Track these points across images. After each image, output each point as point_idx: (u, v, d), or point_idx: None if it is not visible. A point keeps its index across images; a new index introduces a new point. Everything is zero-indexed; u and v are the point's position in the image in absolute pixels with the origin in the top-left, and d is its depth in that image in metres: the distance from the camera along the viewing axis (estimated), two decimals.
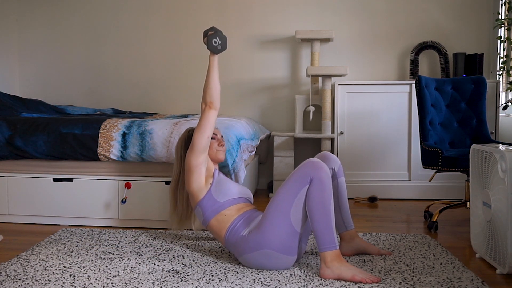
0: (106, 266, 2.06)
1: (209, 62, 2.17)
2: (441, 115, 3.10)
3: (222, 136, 2.34)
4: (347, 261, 2.11)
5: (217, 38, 2.16)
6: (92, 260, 2.15)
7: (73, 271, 2.01)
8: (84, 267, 2.06)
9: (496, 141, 2.99)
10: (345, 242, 2.21)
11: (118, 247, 2.35)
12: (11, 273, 1.98)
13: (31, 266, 2.07)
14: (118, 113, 3.90)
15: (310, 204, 1.91)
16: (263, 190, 4.08)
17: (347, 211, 2.22)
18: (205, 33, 2.26)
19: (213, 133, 2.28)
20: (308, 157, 3.25)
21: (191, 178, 2.13)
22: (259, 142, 3.33)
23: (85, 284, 1.86)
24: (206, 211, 2.11)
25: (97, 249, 2.31)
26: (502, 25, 3.56)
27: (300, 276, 1.94)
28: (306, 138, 4.06)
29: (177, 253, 2.25)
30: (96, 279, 1.91)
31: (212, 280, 1.90)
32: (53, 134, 2.75)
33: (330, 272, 1.89)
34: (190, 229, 2.55)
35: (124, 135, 2.72)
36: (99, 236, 2.53)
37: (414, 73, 3.90)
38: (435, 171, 2.83)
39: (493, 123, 3.59)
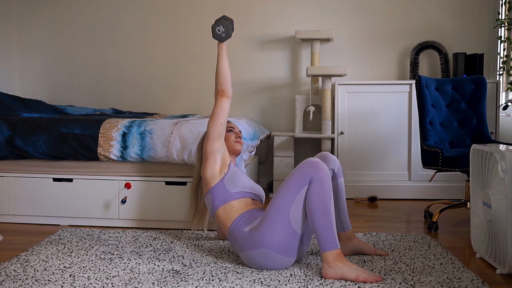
0: (106, 266, 2.06)
1: (218, 51, 2.20)
2: (441, 115, 3.10)
3: (240, 131, 2.42)
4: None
5: (220, 26, 2.16)
6: (92, 260, 2.15)
7: (73, 271, 2.01)
8: (84, 267, 2.06)
9: (496, 141, 2.99)
10: (342, 243, 2.21)
11: (118, 247, 2.35)
12: (11, 273, 1.98)
13: (31, 266, 2.07)
14: (118, 113, 3.90)
15: (310, 204, 1.91)
16: (263, 190, 4.07)
17: (345, 212, 2.24)
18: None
19: (231, 127, 2.38)
20: (308, 157, 3.25)
21: (206, 165, 2.17)
22: (259, 142, 3.33)
23: (85, 284, 1.86)
24: (215, 198, 2.14)
25: (97, 249, 2.31)
26: (502, 25, 3.56)
27: (300, 276, 1.94)
28: (306, 138, 4.06)
29: (177, 253, 2.25)
30: (96, 279, 1.91)
31: (212, 280, 1.89)
32: (53, 134, 2.75)
33: (333, 272, 1.89)
34: (202, 230, 2.59)
35: (124, 135, 2.72)
36: (99, 236, 2.53)
37: (414, 73, 3.90)
38: (435, 171, 2.82)
39: (493, 123, 3.59)
